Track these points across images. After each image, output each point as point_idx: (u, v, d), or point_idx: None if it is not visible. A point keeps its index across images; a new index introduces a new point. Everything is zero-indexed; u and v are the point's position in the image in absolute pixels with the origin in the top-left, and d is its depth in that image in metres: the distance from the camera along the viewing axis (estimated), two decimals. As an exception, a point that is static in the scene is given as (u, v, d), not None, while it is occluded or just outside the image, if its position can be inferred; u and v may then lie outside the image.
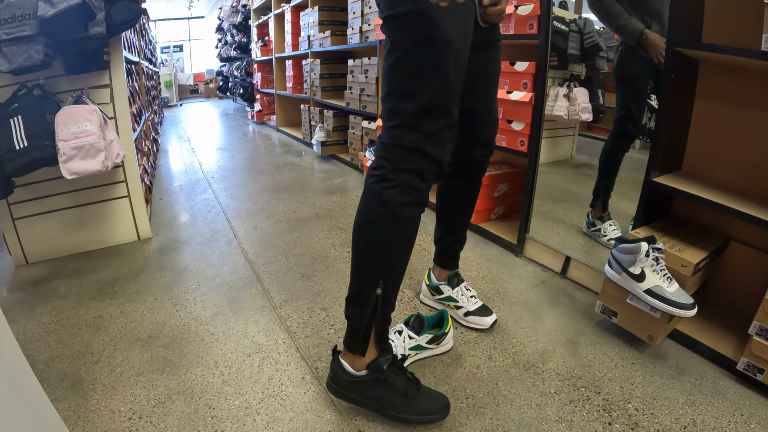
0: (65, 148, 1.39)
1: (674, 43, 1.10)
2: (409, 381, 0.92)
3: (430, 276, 1.35)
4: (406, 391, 0.90)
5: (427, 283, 1.36)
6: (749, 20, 1.11)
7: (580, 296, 1.45)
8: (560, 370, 1.10)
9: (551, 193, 1.97)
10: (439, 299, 1.32)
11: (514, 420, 0.95)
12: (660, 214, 1.36)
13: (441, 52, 0.78)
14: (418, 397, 0.91)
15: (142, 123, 2.74)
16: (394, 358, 0.93)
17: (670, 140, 1.25)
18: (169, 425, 0.93)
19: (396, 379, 0.91)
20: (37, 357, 1.14)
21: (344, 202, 2.39)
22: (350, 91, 3.02)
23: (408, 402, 0.90)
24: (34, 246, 1.68)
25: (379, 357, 0.91)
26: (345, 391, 0.92)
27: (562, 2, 1.79)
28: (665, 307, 1.04)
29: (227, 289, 1.48)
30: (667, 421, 0.94)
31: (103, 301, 1.41)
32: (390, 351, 0.94)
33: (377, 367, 0.89)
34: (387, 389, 0.90)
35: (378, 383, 0.90)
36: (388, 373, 0.90)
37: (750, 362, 1.01)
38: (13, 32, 1.21)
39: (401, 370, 0.93)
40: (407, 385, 0.91)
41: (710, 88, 1.25)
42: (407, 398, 0.90)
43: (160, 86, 6.48)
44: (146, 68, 3.84)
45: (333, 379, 0.94)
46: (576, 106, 1.76)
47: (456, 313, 1.29)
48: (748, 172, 1.21)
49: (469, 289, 1.30)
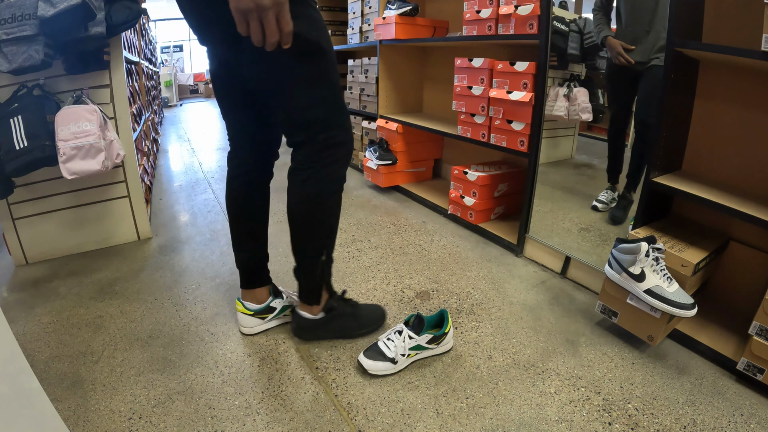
0: (65, 148, 1.39)
1: (674, 43, 1.10)
2: (352, 306, 1.19)
3: (248, 305, 1.20)
4: (354, 314, 1.19)
5: (249, 312, 1.20)
6: (749, 20, 1.11)
7: (580, 296, 1.45)
8: (560, 370, 1.10)
9: (551, 193, 1.97)
10: (275, 316, 1.23)
11: (514, 420, 0.95)
12: (660, 214, 1.36)
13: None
14: (363, 314, 1.21)
15: (142, 123, 2.74)
16: (337, 294, 1.18)
17: (670, 140, 1.25)
18: (169, 425, 0.93)
19: (345, 309, 1.17)
20: (37, 357, 1.14)
21: (344, 202, 2.38)
22: (350, 91, 3.02)
23: (358, 321, 1.19)
24: (34, 246, 1.68)
25: (330, 299, 1.15)
26: (311, 332, 1.17)
27: (562, 2, 1.79)
28: (665, 307, 1.04)
29: (227, 289, 1.48)
30: (667, 421, 0.94)
31: (103, 301, 1.41)
32: (333, 290, 1.16)
33: (331, 307, 1.14)
34: (342, 319, 1.17)
35: (334, 317, 1.15)
36: (339, 306, 1.15)
37: (750, 362, 1.01)
38: (13, 32, 1.21)
39: (343, 300, 1.19)
40: (352, 309, 1.19)
41: (710, 88, 1.25)
42: (356, 318, 1.19)
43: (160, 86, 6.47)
44: (146, 68, 3.83)
45: (299, 327, 1.17)
46: (576, 106, 1.76)
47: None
48: (748, 172, 1.21)
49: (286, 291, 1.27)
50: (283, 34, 0.74)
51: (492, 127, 1.77)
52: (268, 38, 0.73)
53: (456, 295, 1.45)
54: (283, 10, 0.72)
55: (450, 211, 2.09)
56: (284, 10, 0.72)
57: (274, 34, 0.73)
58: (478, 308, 1.37)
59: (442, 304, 1.40)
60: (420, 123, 2.32)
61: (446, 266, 1.65)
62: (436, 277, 1.57)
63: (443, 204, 2.21)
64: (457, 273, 1.60)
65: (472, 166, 2.03)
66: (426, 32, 2.42)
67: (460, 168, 1.99)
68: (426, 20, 2.42)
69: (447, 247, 1.82)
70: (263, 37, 0.73)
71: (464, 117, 1.90)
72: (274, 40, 0.73)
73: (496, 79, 1.73)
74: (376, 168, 2.52)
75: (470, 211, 1.96)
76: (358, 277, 1.56)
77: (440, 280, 1.55)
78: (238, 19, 0.70)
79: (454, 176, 2.03)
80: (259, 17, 0.70)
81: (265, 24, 0.71)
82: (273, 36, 0.73)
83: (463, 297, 1.44)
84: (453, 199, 2.04)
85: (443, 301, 1.41)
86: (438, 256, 1.74)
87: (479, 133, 1.85)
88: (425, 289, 1.49)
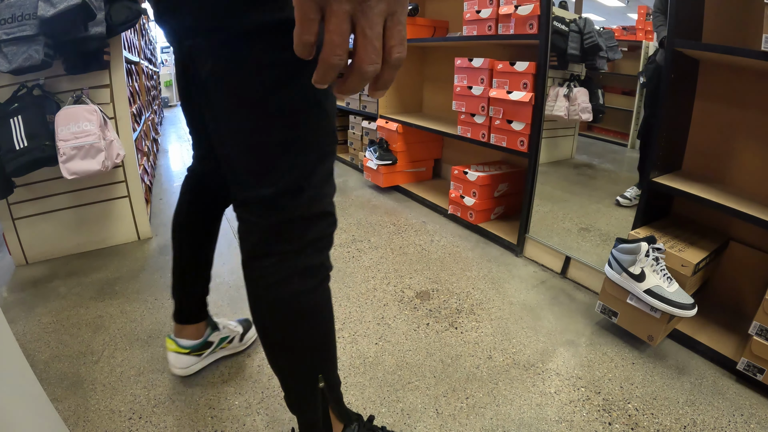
0: (65, 148, 1.39)
1: (674, 43, 1.10)
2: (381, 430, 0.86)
3: (182, 343, 1.04)
4: None
5: (184, 351, 1.04)
6: (749, 20, 1.11)
7: (580, 296, 1.45)
8: (560, 370, 1.10)
9: (551, 193, 1.97)
10: (212, 351, 1.10)
11: (514, 420, 0.95)
12: (660, 214, 1.37)
13: None
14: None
15: (142, 123, 2.74)
16: (359, 419, 0.83)
17: (670, 140, 1.25)
18: (169, 425, 0.93)
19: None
20: (37, 357, 1.14)
21: (344, 202, 2.39)
22: (350, 91, 3.02)
23: None
24: (34, 246, 1.68)
25: (345, 427, 0.79)
26: None
27: (562, 2, 1.79)
28: (665, 307, 1.04)
29: (227, 289, 1.48)
30: (667, 421, 0.94)
31: (103, 301, 1.41)
32: (351, 416, 0.81)
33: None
34: None
35: None
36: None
37: (750, 362, 1.01)
38: (13, 32, 1.21)
39: (370, 430, 0.84)
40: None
41: (710, 88, 1.25)
42: None
43: (160, 86, 6.47)
44: (146, 68, 3.83)
45: None
46: (576, 106, 1.76)
47: (233, 346, 1.14)
48: (748, 172, 1.21)
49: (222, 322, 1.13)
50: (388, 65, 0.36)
51: (492, 127, 1.77)
52: (359, 62, 0.34)
53: (456, 295, 1.45)
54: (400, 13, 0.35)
55: (450, 211, 2.09)
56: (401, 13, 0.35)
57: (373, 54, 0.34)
58: (478, 308, 1.37)
59: (442, 304, 1.40)
60: (420, 123, 2.32)
61: (446, 266, 1.65)
62: (436, 277, 1.57)
63: (443, 204, 2.21)
64: (457, 273, 1.60)
65: (472, 166, 2.03)
66: (426, 32, 2.42)
67: (460, 168, 1.99)
68: (426, 20, 2.42)
69: (447, 247, 1.82)
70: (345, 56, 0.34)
71: (464, 117, 1.90)
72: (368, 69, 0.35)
73: (496, 79, 1.73)
74: (376, 168, 2.52)
75: (470, 211, 1.96)
76: (358, 277, 1.56)
77: (440, 280, 1.55)
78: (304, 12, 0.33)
79: (454, 176, 2.03)
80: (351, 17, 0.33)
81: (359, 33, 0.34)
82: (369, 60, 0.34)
83: (463, 297, 1.44)
84: (453, 199, 2.04)
85: (443, 301, 1.41)
86: (438, 256, 1.74)
87: (479, 133, 1.85)
88: (425, 289, 1.49)
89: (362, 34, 0.34)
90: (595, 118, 1.82)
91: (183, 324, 1.03)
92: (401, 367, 1.11)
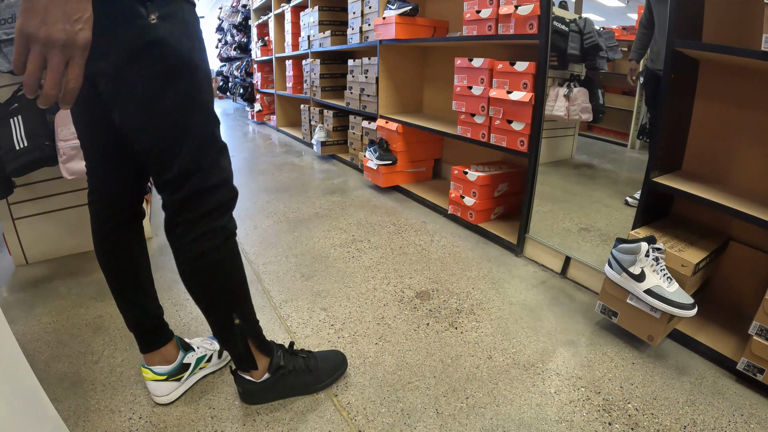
0: (65, 148, 1.39)
1: (674, 43, 1.10)
2: (305, 358, 1.02)
3: (157, 370, 0.98)
4: (308, 367, 1.01)
5: (161, 378, 0.98)
6: (749, 20, 1.11)
7: (580, 296, 1.45)
8: (560, 370, 1.10)
9: (551, 193, 1.97)
10: (192, 372, 1.04)
11: (514, 420, 0.95)
12: (660, 214, 1.37)
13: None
14: (319, 365, 1.03)
15: (142, 123, 2.73)
16: (282, 349, 1.00)
17: (670, 140, 1.25)
18: (169, 425, 0.93)
19: (296, 363, 1.00)
20: (37, 357, 1.14)
21: (344, 202, 2.39)
22: (350, 91, 3.02)
23: (315, 374, 1.02)
24: (34, 246, 1.68)
25: (272, 359, 0.96)
26: (260, 396, 0.98)
27: (562, 2, 1.79)
28: (665, 307, 1.04)
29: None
30: (667, 421, 0.94)
31: (103, 301, 1.41)
32: (273, 349, 0.97)
33: (276, 367, 0.96)
34: (294, 375, 0.99)
35: (284, 376, 0.97)
36: (287, 364, 0.98)
37: (750, 362, 1.01)
38: (13, 32, 1.21)
39: (293, 354, 1.01)
40: (306, 362, 1.01)
41: (710, 88, 1.25)
42: (312, 372, 1.01)
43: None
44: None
45: (246, 393, 0.97)
46: (576, 106, 1.76)
47: (213, 364, 1.09)
48: (748, 172, 1.21)
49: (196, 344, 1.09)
50: (65, 91, 0.53)
51: (492, 127, 1.77)
52: (44, 88, 0.51)
53: (456, 295, 1.45)
54: (78, 58, 0.52)
55: (450, 211, 2.09)
56: (79, 58, 0.52)
57: (54, 85, 0.51)
58: (478, 308, 1.37)
59: (442, 304, 1.40)
60: (420, 123, 2.32)
61: (446, 266, 1.65)
62: (436, 277, 1.57)
63: (443, 204, 2.21)
64: (457, 273, 1.60)
65: (472, 166, 2.03)
66: (426, 32, 2.42)
67: (460, 168, 1.99)
68: (426, 20, 2.42)
69: (447, 247, 1.82)
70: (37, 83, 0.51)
71: (464, 117, 1.90)
72: (50, 93, 0.52)
73: (496, 79, 1.73)
74: (376, 168, 2.52)
75: (470, 211, 1.96)
76: (358, 277, 1.56)
77: (440, 280, 1.55)
78: (18, 45, 0.50)
79: (454, 176, 2.03)
80: (42, 53, 0.50)
81: (48, 66, 0.51)
82: (51, 87, 0.51)
83: (463, 297, 1.44)
84: (453, 199, 2.04)
85: (443, 301, 1.41)
86: (438, 256, 1.74)
87: (479, 133, 1.85)
88: (425, 289, 1.49)
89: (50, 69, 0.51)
90: (595, 118, 1.82)
91: (150, 352, 0.99)
92: (401, 367, 1.11)
